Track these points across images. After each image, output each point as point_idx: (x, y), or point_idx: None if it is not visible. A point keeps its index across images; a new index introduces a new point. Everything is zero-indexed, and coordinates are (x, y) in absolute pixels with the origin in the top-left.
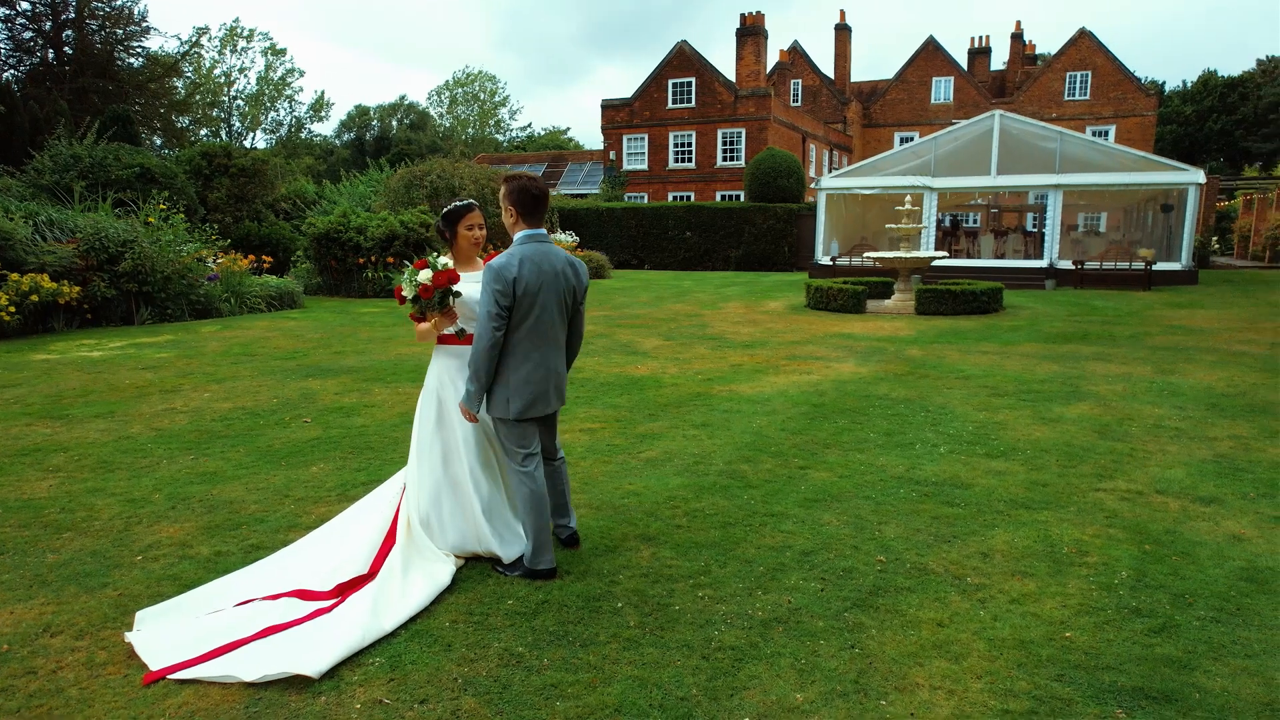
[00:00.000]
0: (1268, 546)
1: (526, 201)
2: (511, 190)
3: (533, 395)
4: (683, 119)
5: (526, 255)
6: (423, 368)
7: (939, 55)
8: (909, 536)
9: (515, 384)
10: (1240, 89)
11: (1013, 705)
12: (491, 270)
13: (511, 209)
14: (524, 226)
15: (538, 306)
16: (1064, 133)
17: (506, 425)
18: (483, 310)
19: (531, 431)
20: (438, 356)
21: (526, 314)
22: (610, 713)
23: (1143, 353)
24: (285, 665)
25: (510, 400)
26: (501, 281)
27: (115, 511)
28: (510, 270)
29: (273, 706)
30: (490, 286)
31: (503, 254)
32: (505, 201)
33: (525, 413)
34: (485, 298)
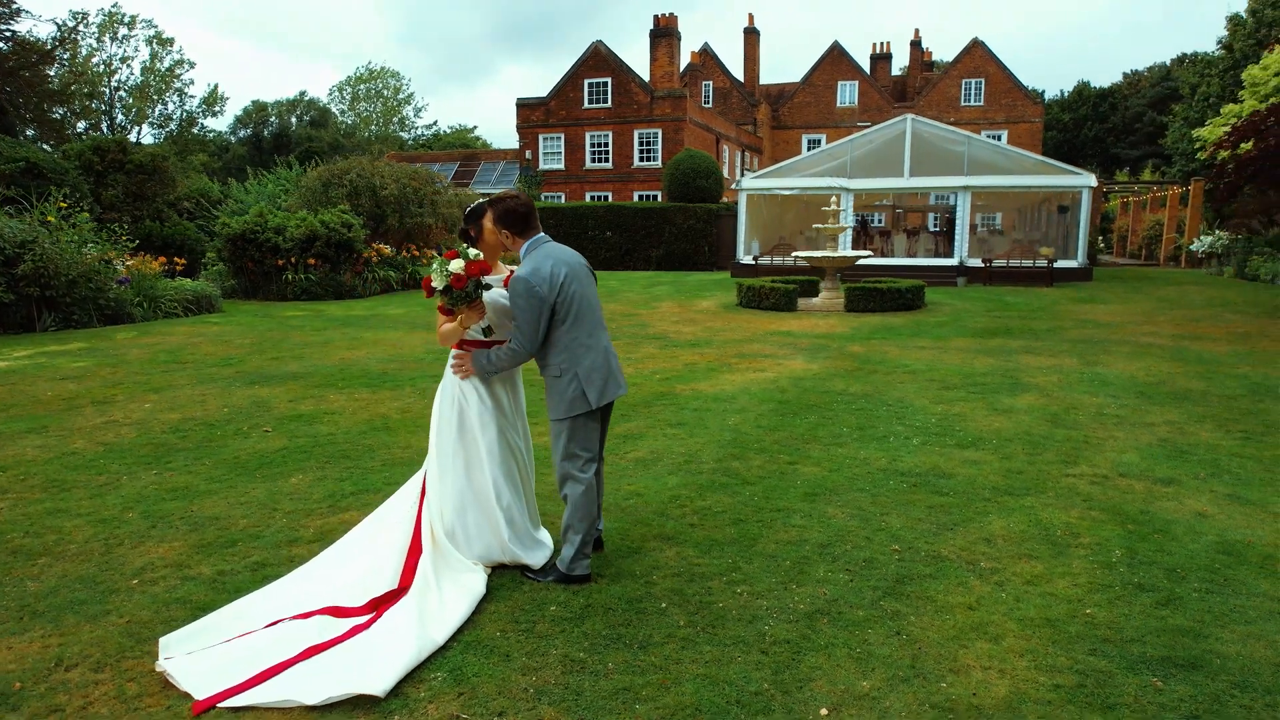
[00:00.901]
0: (1230, 522)
1: (517, 220)
2: (498, 216)
3: (604, 378)
4: (599, 119)
5: (546, 255)
6: (371, 372)
7: (844, 60)
8: (913, 526)
9: (585, 374)
10: (1110, 99)
11: (1061, 680)
12: (522, 282)
13: (506, 231)
14: (523, 240)
15: (578, 296)
16: (971, 137)
17: (577, 426)
18: (522, 320)
19: (595, 433)
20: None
21: (571, 306)
22: (691, 712)
23: (1065, 345)
24: (349, 686)
25: (586, 391)
26: (539, 284)
27: (89, 533)
28: (541, 272)
29: None
30: (529, 294)
31: (524, 263)
32: (497, 228)
33: (602, 398)
34: (522, 310)
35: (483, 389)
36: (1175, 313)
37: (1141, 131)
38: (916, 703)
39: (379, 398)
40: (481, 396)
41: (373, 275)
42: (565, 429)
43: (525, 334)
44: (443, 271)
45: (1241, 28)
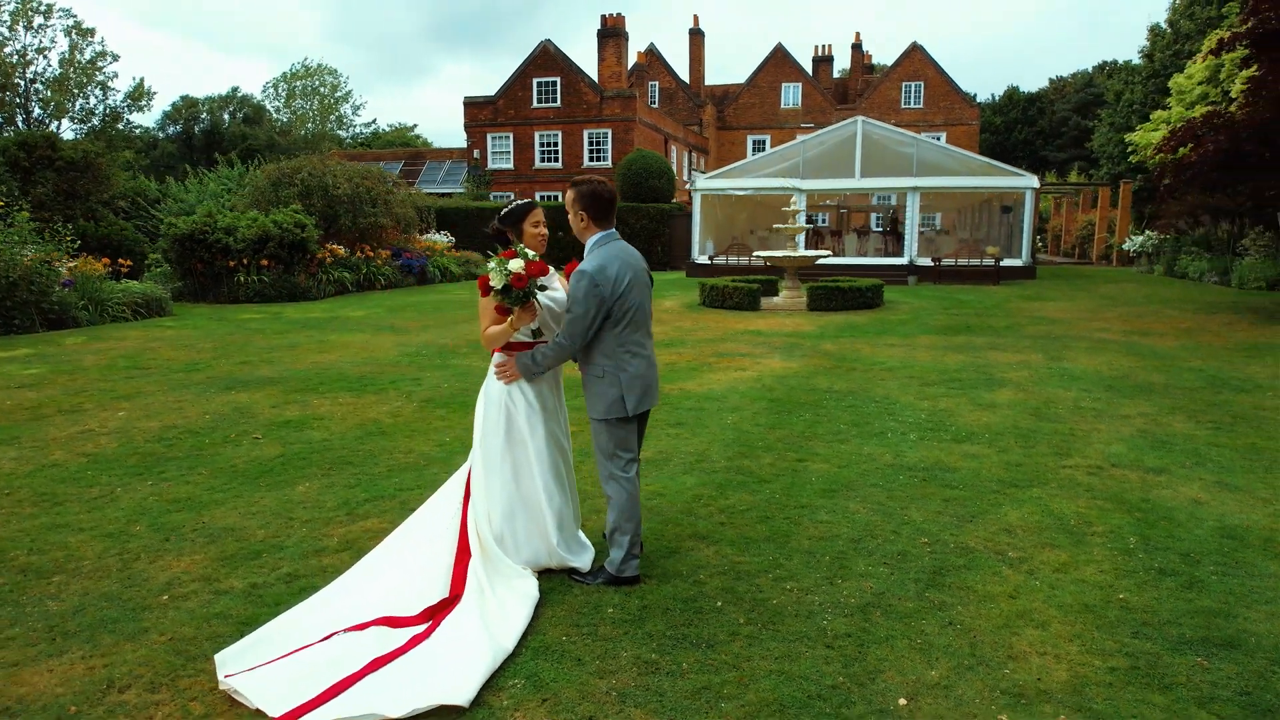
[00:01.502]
0: (1224, 508)
1: (599, 205)
2: (582, 195)
3: (643, 388)
4: (548, 118)
5: (613, 254)
6: (349, 376)
7: (787, 62)
8: (934, 519)
9: (627, 380)
10: (1038, 104)
11: (1114, 663)
12: (587, 275)
13: (583, 214)
14: (596, 230)
15: (633, 302)
16: (919, 139)
17: (615, 428)
18: (576, 312)
19: (633, 434)
20: None
21: (625, 310)
22: (775, 709)
23: (1026, 342)
24: (432, 697)
25: (625, 397)
26: (603, 282)
27: (99, 548)
28: (607, 271)
29: None
30: (591, 291)
31: (591, 258)
32: (575, 207)
33: (639, 406)
34: (577, 301)
35: (529, 391)
36: (1119, 310)
37: (1068, 135)
38: (986, 689)
39: (364, 402)
40: (529, 399)
41: (327, 276)
42: (603, 429)
43: (577, 329)
44: (502, 271)
45: (1161, 38)
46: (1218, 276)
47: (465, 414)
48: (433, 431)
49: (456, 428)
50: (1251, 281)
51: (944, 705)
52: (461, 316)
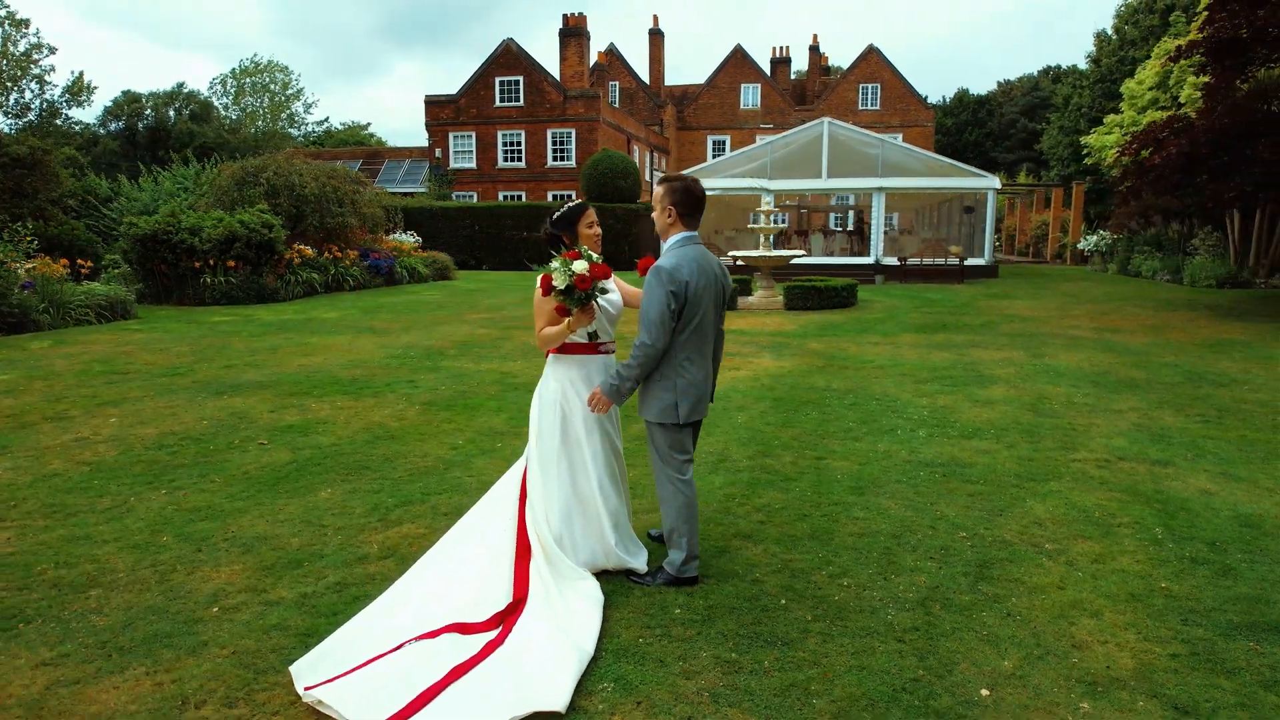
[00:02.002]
0: (1234, 497)
1: (690, 203)
2: (674, 190)
3: (697, 397)
4: (511, 118)
5: (690, 257)
6: (340, 379)
7: (746, 63)
8: (965, 513)
9: (683, 387)
10: (987, 106)
11: (1173, 649)
12: (664, 272)
13: (671, 209)
14: (681, 228)
15: (702, 309)
16: (884, 140)
17: (669, 431)
18: (653, 315)
19: (689, 436)
20: (559, 366)
21: (692, 316)
22: (866, 703)
23: (1004, 339)
24: (529, 704)
25: (679, 404)
26: (676, 283)
27: (129, 561)
28: (681, 272)
29: None
30: (664, 289)
31: (668, 256)
32: (665, 201)
33: (691, 416)
34: (654, 302)
35: (585, 393)
36: (1084, 307)
37: (1016, 137)
38: (1060, 678)
39: (364, 406)
40: (585, 400)
41: (295, 277)
42: (658, 431)
43: (657, 328)
44: (566, 271)
45: (1108, 44)
46: (1170, 275)
47: (471, 417)
48: (442, 435)
49: (466, 430)
50: (1203, 280)
51: (1025, 695)
52: (439, 318)
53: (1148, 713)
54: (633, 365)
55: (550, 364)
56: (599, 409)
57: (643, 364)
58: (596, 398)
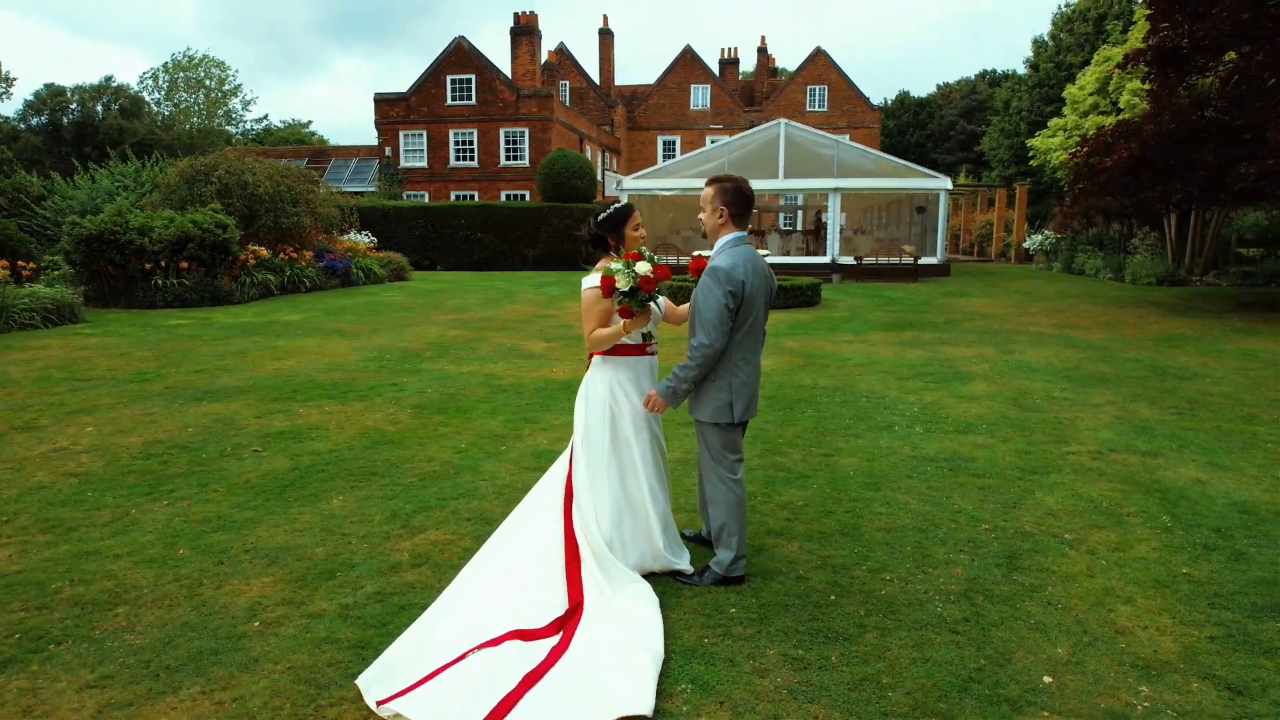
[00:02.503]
0: (1225, 486)
1: (740, 203)
2: (725, 190)
3: (750, 396)
4: (463, 116)
5: (745, 257)
6: (321, 383)
7: (696, 64)
8: (980, 506)
9: (737, 387)
10: (928, 108)
11: (1210, 632)
12: (721, 273)
13: (724, 209)
14: (732, 228)
15: (754, 309)
16: (840, 141)
17: (723, 430)
18: (710, 315)
19: (741, 435)
20: (607, 368)
21: (747, 316)
22: (939, 694)
23: (972, 336)
24: (614, 709)
25: (734, 403)
26: (733, 283)
27: (149, 576)
28: (738, 272)
29: None
30: (722, 289)
31: (723, 256)
32: (716, 202)
33: (744, 415)
34: (713, 302)
35: (632, 393)
36: (1039, 305)
37: (955, 139)
38: (1114, 663)
39: (353, 410)
40: (632, 401)
41: (250, 279)
42: (711, 430)
43: (715, 328)
44: (630, 273)
45: (1045, 50)
46: (1112, 273)
47: (465, 420)
48: (442, 439)
49: (465, 434)
50: (1143, 278)
51: (1085, 681)
52: (406, 319)
53: (1203, 693)
54: (691, 366)
55: (597, 366)
56: (655, 410)
57: (701, 365)
58: (653, 399)
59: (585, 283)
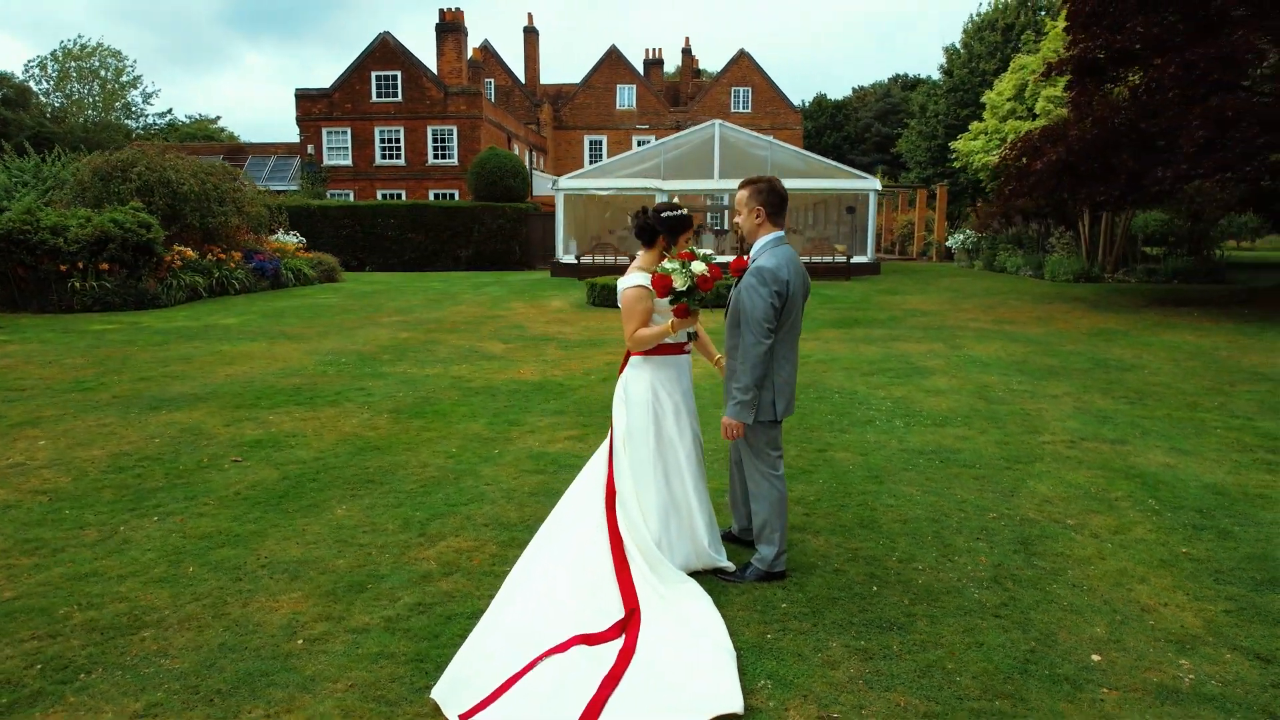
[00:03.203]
0: (1192, 469)
1: (776, 202)
2: (761, 190)
3: (790, 394)
4: (389, 114)
5: (787, 256)
6: (282, 389)
7: (622, 63)
8: (981, 496)
9: (780, 385)
10: (844, 111)
11: (1224, 606)
12: (767, 273)
13: (760, 209)
14: (770, 228)
15: (795, 308)
16: (773, 142)
17: (766, 428)
18: (759, 315)
19: (779, 433)
20: (648, 368)
21: (788, 315)
22: (1003, 677)
23: (918, 333)
24: (706, 709)
25: (776, 401)
26: (779, 284)
27: (164, 596)
28: (782, 272)
29: None
30: (769, 289)
31: (767, 257)
32: (753, 203)
33: (786, 411)
34: (760, 303)
35: (676, 392)
36: (972, 301)
37: (871, 140)
38: (1149, 639)
39: (326, 416)
40: (675, 401)
41: (177, 281)
42: (755, 428)
43: (763, 328)
44: (687, 273)
45: (958, 57)
46: (1032, 270)
47: (447, 424)
48: (429, 444)
49: (451, 438)
50: (1061, 275)
51: (1129, 658)
52: (350, 322)
53: (1237, 663)
54: (746, 373)
55: (638, 366)
56: (737, 436)
57: (754, 368)
58: (730, 426)
59: (623, 283)
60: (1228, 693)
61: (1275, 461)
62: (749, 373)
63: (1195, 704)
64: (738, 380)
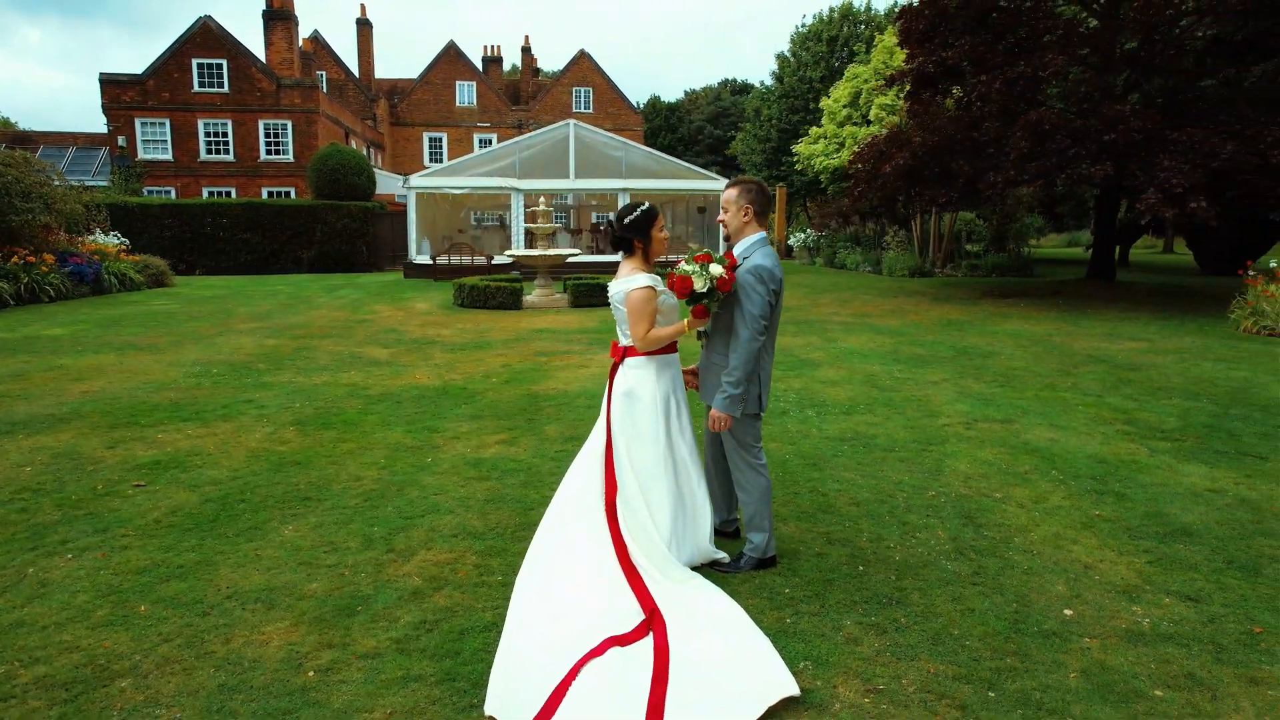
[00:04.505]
0: (1074, 442)
1: (763, 202)
2: (750, 190)
3: (768, 386)
4: (215, 105)
5: (774, 255)
6: (158, 405)
7: (460, 60)
8: (911, 476)
9: (764, 379)
10: (677, 113)
11: (1146, 559)
12: (765, 271)
13: (749, 208)
14: (756, 228)
15: (780, 304)
16: (627, 143)
17: (750, 421)
18: (757, 312)
19: (760, 424)
20: (653, 367)
21: (775, 313)
22: (1004, 637)
23: (791, 327)
24: (767, 695)
25: (761, 395)
26: (775, 281)
27: (126, 640)
28: (777, 270)
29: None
30: (765, 287)
31: (759, 255)
32: (741, 201)
33: (766, 404)
34: (758, 300)
35: (679, 390)
36: (827, 296)
37: (704, 143)
38: (1102, 592)
39: (222, 432)
40: (679, 401)
41: None
42: (738, 423)
43: (761, 323)
44: (706, 275)
45: (788, 65)
46: (871, 267)
47: (362, 434)
48: (351, 456)
49: (374, 449)
50: (898, 271)
51: (1092, 609)
52: (203, 330)
53: (1175, 606)
54: (739, 367)
55: (640, 366)
56: (725, 428)
57: (748, 362)
58: (717, 419)
59: (624, 285)
60: (1179, 631)
61: (1132, 432)
62: (742, 367)
63: (1159, 643)
64: (730, 374)
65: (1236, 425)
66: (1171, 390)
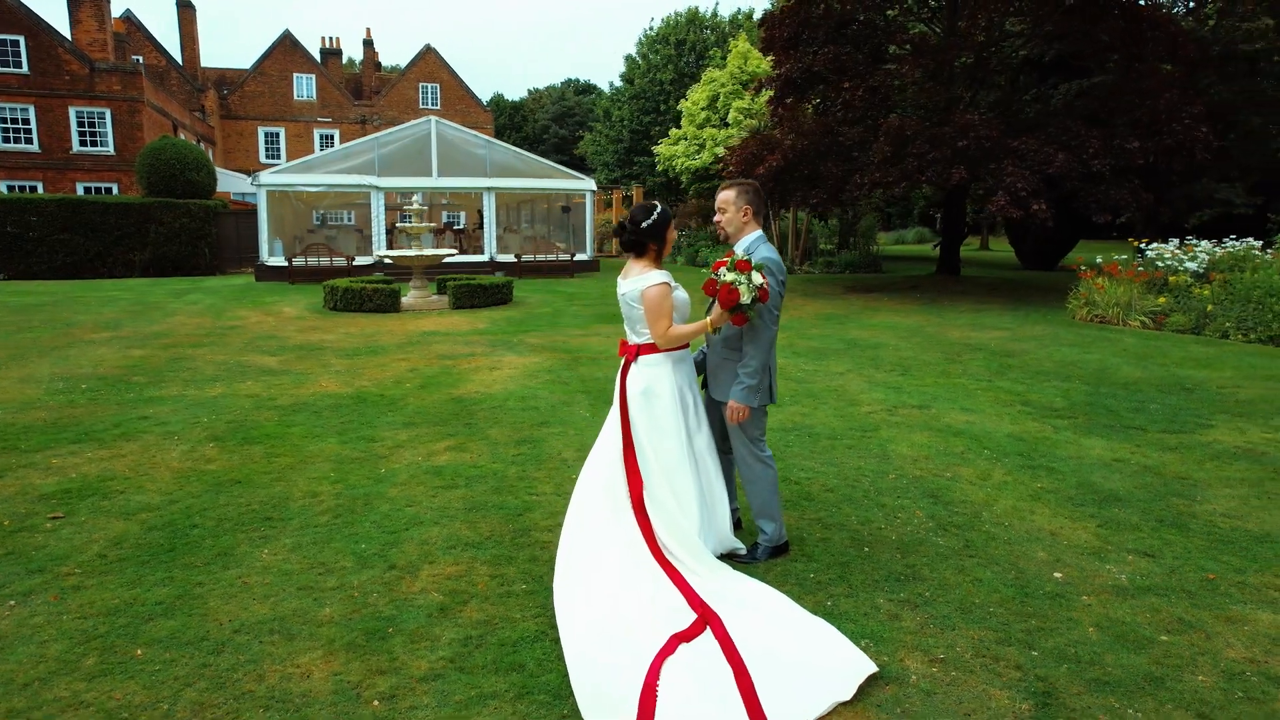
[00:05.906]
0: (987, 425)
1: (760, 201)
2: (749, 190)
3: (775, 378)
4: (13, 88)
5: (773, 249)
6: (37, 426)
7: (298, 51)
8: (866, 462)
9: (774, 369)
10: (522, 112)
11: (1093, 523)
12: (774, 264)
13: (748, 208)
14: (755, 226)
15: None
16: (491, 141)
17: (760, 413)
18: (773, 304)
19: (766, 416)
20: (669, 363)
21: (780, 305)
22: (1016, 602)
23: None
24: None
25: (773, 385)
26: (784, 274)
27: (139, 691)
28: (782, 265)
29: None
30: (776, 280)
31: (764, 250)
32: (740, 201)
33: (776, 395)
34: (772, 291)
35: (694, 388)
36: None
37: (549, 142)
38: (1077, 554)
39: (129, 453)
40: (695, 393)
41: None
42: (753, 415)
43: (775, 313)
44: (750, 284)
45: (638, 67)
46: None
47: (295, 447)
48: (294, 470)
49: (316, 461)
50: None
51: (1076, 570)
52: (47, 340)
53: (1139, 562)
54: (754, 357)
55: (658, 363)
56: (742, 419)
57: (764, 352)
58: (736, 410)
59: (639, 283)
60: (1151, 583)
61: (1031, 412)
62: (758, 356)
63: (1142, 595)
64: (746, 365)
65: (1110, 403)
66: (1047, 373)
